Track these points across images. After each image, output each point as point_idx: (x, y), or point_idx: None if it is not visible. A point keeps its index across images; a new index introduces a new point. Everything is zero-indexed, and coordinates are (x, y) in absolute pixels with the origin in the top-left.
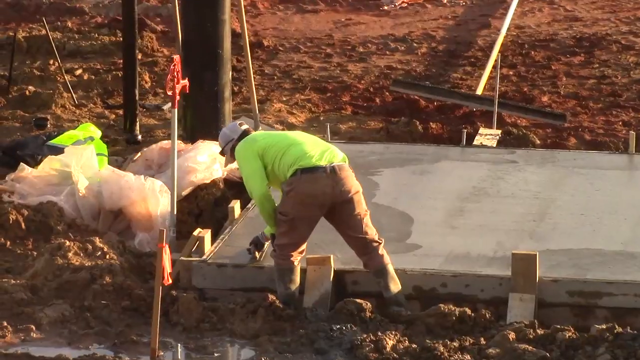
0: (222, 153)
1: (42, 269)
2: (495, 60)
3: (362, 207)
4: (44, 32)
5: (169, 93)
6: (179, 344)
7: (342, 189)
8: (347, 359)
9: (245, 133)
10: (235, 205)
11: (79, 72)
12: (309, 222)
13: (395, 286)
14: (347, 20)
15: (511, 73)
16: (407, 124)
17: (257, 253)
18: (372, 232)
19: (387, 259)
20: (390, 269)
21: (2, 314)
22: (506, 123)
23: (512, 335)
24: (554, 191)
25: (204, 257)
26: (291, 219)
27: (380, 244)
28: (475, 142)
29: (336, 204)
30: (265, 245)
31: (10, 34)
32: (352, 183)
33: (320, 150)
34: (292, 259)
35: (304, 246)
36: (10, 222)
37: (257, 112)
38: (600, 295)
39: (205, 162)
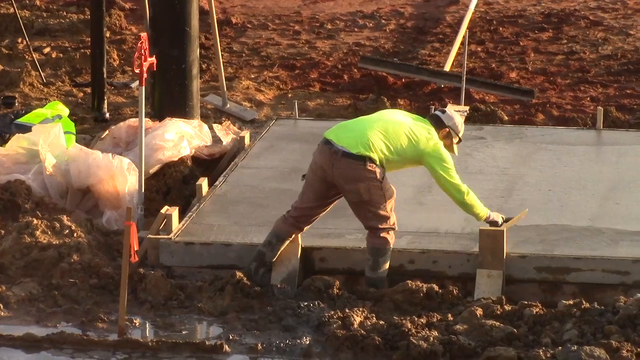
0: None
1: (9, 248)
2: (464, 37)
3: (362, 197)
4: (12, 10)
5: (137, 71)
6: (147, 322)
7: (338, 174)
8: (315, 335)
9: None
10: (203, 182)
11: (47, 50)
12: (312, 190)
13: (382, 269)
14: None
15: (479, 49)
16: (375, 100)
17: None
18: (375, 220)
19: (385, 242)
20: (387, 252)
21: None
22: (474, 99)
23: (479, 312)
24: (522, 167)
25: (172, 234)
26: (306, 180)
27: (383, 229)
28: None
29: (336, 185)
30: None
31: None
32: (349, 175)
33: (347, 131)
34: (288, 226)
35: (306, 220)
36: None
37: (225, 89)
38: (567, 270)
39: (172, 139)
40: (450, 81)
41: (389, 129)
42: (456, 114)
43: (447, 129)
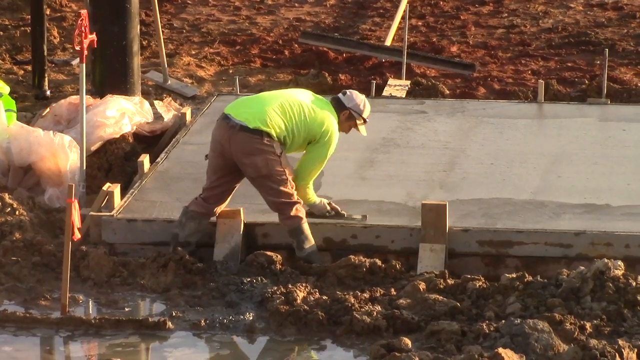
0: None
1: None
2: (404, 11)
3: (261, 172)
4: None
5: (77, 48)
6: (90, 299)
7: (235, 148)
8: (258, 311)
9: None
10: (145, 159)
11: None
12: (213, 168)
13: (308, 245)
14: None
15: (420, 23)
16: (316, 75)
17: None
18: (278, 196)
19: (299, 219)
20: (304, 228)
21: None
22: (415, 73)
23: (422, 286)
24: (464, 141)
25: (114, 211)
26: (208, 159)
27: (289, 206)
28: (384, 93)
29: (235, 160)
30: None
31: None
32: (246, 148)
33: (246, 106)
34: (196, 206)
35: (215, 200)
36: None
37: (166, 66)
38: (510, 244)
39: (114, 116)
40: (391, 56)
41: (287, 108)
42: (360, 95)
43: (348, 111)
